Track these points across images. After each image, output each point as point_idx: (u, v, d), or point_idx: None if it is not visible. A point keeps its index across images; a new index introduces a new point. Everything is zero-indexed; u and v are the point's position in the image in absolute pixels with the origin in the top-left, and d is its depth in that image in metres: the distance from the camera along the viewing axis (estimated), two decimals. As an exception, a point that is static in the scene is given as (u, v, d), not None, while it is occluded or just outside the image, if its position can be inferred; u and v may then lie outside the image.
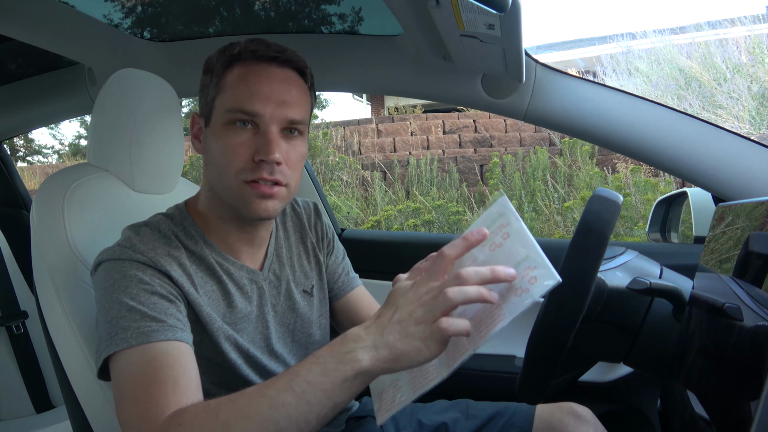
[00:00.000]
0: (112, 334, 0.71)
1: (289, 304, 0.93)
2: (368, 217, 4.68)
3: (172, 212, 0.87)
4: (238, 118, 0.78)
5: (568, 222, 4.23)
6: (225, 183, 0.79)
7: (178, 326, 0.73)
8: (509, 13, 0.78)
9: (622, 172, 4.70)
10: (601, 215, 0.73)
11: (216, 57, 0.82)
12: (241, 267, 0.87)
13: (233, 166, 0.78)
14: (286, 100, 0.79)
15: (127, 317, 0.71)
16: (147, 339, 0.69)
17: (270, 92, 0.78)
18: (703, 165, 1.10)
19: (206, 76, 0.83)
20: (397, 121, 6.84)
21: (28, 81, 1.69)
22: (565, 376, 0.89)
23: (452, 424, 1.02)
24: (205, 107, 0.83)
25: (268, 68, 0.80)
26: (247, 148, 0.78)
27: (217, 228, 0.86)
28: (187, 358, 0.71)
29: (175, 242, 0.81)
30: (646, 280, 0.77)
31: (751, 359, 0.54)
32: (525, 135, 6.15)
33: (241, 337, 0.85)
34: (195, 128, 0.87)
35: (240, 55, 0.80)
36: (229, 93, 0.79)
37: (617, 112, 1.15)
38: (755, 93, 4.73)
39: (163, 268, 0.76)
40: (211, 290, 0.83)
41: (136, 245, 0.77)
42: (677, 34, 6.22)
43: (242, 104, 0.77)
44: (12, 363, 1.74)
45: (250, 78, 0.78)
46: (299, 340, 0.95)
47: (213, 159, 0.81)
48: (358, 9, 1.31)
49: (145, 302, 0.72)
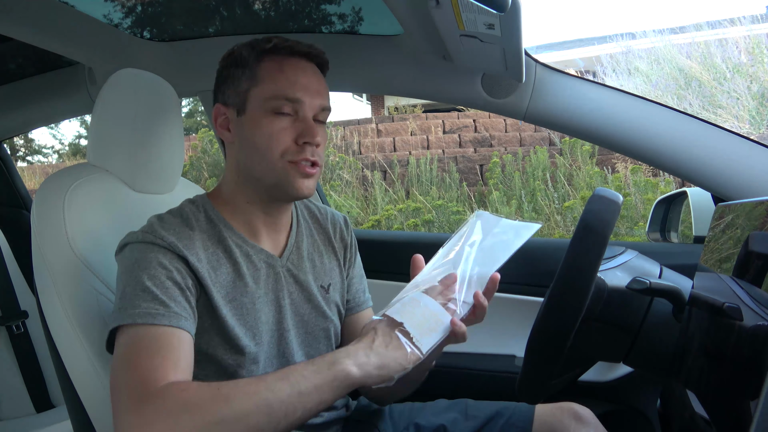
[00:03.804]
0: (123, 308, 0.76)
1: (305, 295, 0.95)
2: (368, 217, 4.68)
3: (195, 198, 0.92)
4: (281, 105, 0.84)
5: (568, 222, 4.23)
6: (269, 165, 0.85)
7: (183, 315, 0.77)
8: (509, 13, 0.78)
9: (622, 172, 4.70)
10: (601, 215, 0.73)
11: (246, 51, 0.87)
12: (260, 251, 0.90)
13: (278, 149, 0.84)
14: (319, 90, 0.88)
15: (140, 296, 0.76)
16: (152, 320, 0.74)
17: (307, 82, 0.86)
18: (703, 165, 1.10)
19: (236, 69, 0.87)
20: (397, 120, 6.84)
21: (28, 81, 1.69)
22: (565, 376, 0.89)
23: (451, 425, 1.01)
24: (235, 97, 0.87)
25: (301, 62, 0.87)
26: (290, 132, 0.85)
27: (242, 211, 0.91)
28: (186, 347, 0.76)
29: (195, 226, 0.86)
30: (645, 279, 0.77)
31: (751, 359, 0.54)
32: (525, 135, 6.15)
33: (253, 321, 0.87)
34: (220, 119, 0.90)
35: (275, 48, 0.86)
36: (268, 83, 0.85)
37: (617, 111, 1.15)
38: (755, 93, 4.73)
39: (181, 253, 0.81)
40: (226, 272, 0.86)
41: (157, 230, 0.82)
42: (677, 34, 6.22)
43: (285, 92, 0.84)
44: (12, 363, 1.74)
45: (287, 69, 0.85)
46: (312, 332, 0.95)
47: (252, 144, 0.86)
48: (358, 9, 1.31)
49: (160, 285, 0.77)
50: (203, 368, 0.85)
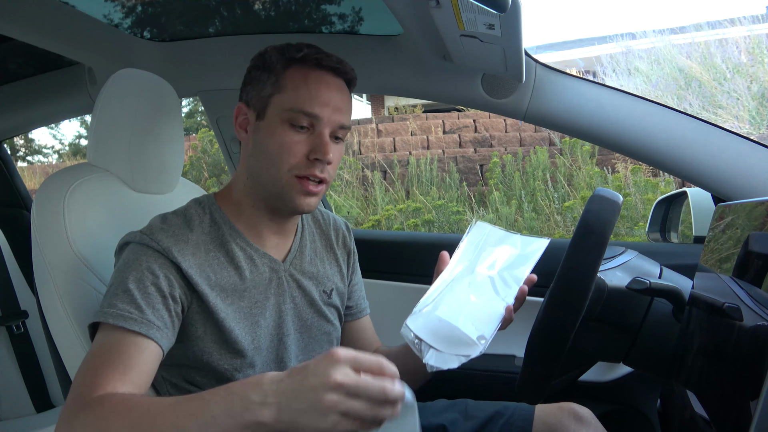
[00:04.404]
0: (103, 305, 0.77)
1: (307, 299, 0.95)
2: (368, 217, 4.68)
3: (202, 199, 0.92)
4: (298, 118, 0.83)
5: (568, 222, 4.23)
6: (275, 175, 0.84)
7: (156, 323, 0.76)
8: (509, 13, 0.78)
9: (622, 172, 4.70)
10: (601, 215, 0.73)
11: (275, 56, 0.86)
12: (263, 255, 0.90)
13: (288, 161, 0.83)
14: (341, 108, 0.86)
15: (120, 296, 0.76)
16: (123, 323, 0.74)
17: (329, 98, 0.84)
18: (703, 165, 1.10)
19: (262, 72, 0.87)
20: (397, 121, 6.83)
21: (28, 81, 1.69)
22: (565, 376, 0.89)
23: (450, 425, 1.01)
24: (258, 101, 0.87)
25: (326, 76, 0.86)
26: (303, 146, 0.84)
27: (248, 215, 0.90)
28: (147, 357, 0.74)
29: (197, 228, 0.86)
30: (645, 279, 0.77)
31: (751, 359, 0.54)
32: (525, 135, 6.14)
33: (253, 324, 0.87)
34: (240, 118, 0.90)
35: (304, 59, 0.85)
36: (290, 93, 0.84)
37: (617, 112, 1.15)
38: (755, 93, 4.73)
39: (175, 259, 0.80)
40: (228, 275, 0.86)
41: (155, 234, 0.82)
42: (677, 34, 6.21)
43: (303, 106, 0.83)
44: (12, 363, 1.74)
45: (311, 83, 0.84)
46: (315, 337, 0.96)
47: (265, 151, 0.85)
48: (358, 9, 1.31)
49: (142, 290, 0.77)
50: (200, 373, 0.85)
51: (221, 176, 5.47)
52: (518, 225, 4.32)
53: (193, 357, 0.84)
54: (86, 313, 0.90)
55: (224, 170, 5.46)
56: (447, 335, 0.78)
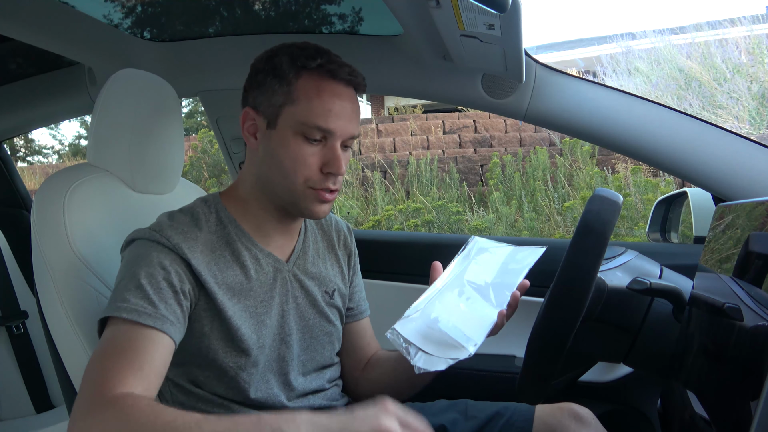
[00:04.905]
0: (113, 300, 0.77)
1: (310, 300, 0.95)
2: (369, 217, 4.68)
3: (208, 198, 0.92)
4: (311, 132, 0.83)
5: (568, 222, 4.23)
6: (289, 186, 0.85)
7: (170, 318, 0.76)
8: (509, 13, 0.78)
9: (622, 172, 4.70)
10: (601, 215, 0.73)
11: (286, 63, 0.84)
12: (268, 255, 0.91)
13: (302, 174, 0.84)
14: (352, 118, 0.86)
15: (132, 291, 0.76)
16: (137, 318, 0.74)
17: (341, 111, 0.84)
18: (703, 165, 1.10)
19: (272, 79, 0.85)
20: (397, 121, 6.83)
21: (28, 81, 1.69)
22: (565, 376, 0.89)
23: (451, 425, 1.01)
24: (268, 109, 0.85)
25: (338, 87, 0.84)
26: (316, 159, 0.84)
27: (255, 215, 0.90)
28: (161, 352, 0.75)
29: (204, 227, 0.86)
30: (646, 280, 0.77)
31: (751, 359, 0.54)
32: (525, 135, 6.14)
33: (258, 322, 0.87)
34: (248, 123, 0.88)
35: (318, 69, 0.83)
36: (303, 106, 0.83)
37: (617, 112, 1.15)
38: (755, 93, 4.73)
39: (184, 255, 0.81)
40: (233, 274, 0.86)
41: (164, 230, 0.82)
42: (677, 34, 6.21)
43: (318, 121, 0.82)
44: (12, 363, 1.74)
45: (325, 96, 0.83)
46: (317, 337, 0.96)
47: (277, 162, 0.85)
48: (358, 9, 1.31)
49: (155, 285, 0.77)
50: (203, 372, 0.85)
51: (221, 176, 5.47)
52: (518, 225, 4.32)
53: (197, 354, 0.84)
54: (86, 314, 0.90)
55: (224, 170, 5.46)
56: (436, 339, 0.81)
